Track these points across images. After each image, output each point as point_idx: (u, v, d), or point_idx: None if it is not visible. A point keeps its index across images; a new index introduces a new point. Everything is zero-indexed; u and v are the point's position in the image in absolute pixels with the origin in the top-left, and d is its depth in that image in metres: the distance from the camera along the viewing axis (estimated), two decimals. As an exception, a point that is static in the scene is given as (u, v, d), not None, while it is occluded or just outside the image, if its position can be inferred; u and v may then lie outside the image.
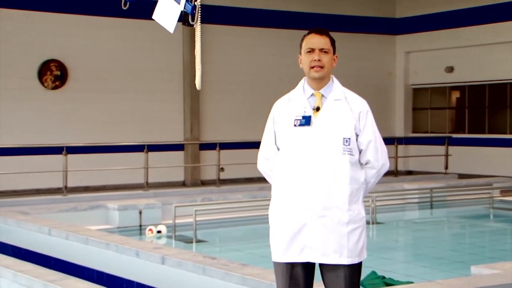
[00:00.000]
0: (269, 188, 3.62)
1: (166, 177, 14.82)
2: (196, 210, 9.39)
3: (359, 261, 3.45)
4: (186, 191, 12.53)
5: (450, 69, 17.70)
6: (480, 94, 17.28)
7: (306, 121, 3.43)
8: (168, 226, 9.51)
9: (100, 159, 14.03)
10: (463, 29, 16.96)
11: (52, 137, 13.62)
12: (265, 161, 3.61)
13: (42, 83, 13.85)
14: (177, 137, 15.27)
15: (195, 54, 3.91)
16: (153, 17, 4.07)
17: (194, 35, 3.91)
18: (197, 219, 9.37)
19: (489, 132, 17.00)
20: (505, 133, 16.72)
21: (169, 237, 9.34)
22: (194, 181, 15.25)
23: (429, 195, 12.23)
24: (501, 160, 16.34)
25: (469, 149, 17.09)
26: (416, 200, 12.39)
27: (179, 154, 15.38)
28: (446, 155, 15.78)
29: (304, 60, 3.48)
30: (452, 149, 16.09)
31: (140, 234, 9.58)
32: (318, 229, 3.38)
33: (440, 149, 16.22)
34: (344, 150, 3.40)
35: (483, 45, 16.75)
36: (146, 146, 13.03)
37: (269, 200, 3.58)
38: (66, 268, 7.17)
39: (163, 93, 15.17)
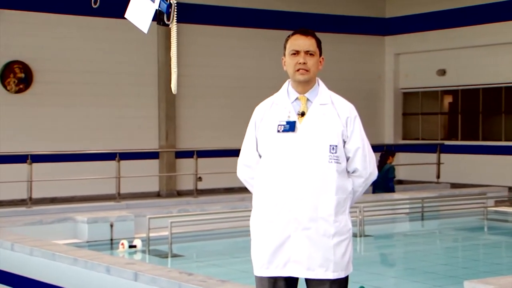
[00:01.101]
0: (250, 198, 3.63)
1: (140, 188, 14.77)
2: (171, 222, 9.36)
3: (346, 275, 3.47)
4: (161, 202, 12.49)
5: (442, 72, 17.85)
6: (473, 98, 17.44)
7: (290, 126, 3.45)
8: (141, 240, 9.46)
9: (68, 168, 13.94)
10: (456, 29, 17.12)
11: (16, 145, 13.52)
12: (246, 168, 3.62)
13: (5, 87, 13.75)
14: (151, 145, 15.23)
15: (171, 56, 3.92)
16: (125, 16, 4.07)
17: (170, 36, 3.91)
18: (173, 232, 9.34)
19: (483, 139, 17.15)
20: (500, 140, 16.88)
21: (142, 251, 9.29)
22: (169, 191, 15.20)
23: (420, 205, 12.30)
24: (495, 169, 16.49)
25: (462, 157, 17.24)
26: (407, 211, 12.45)
27: (154, 163, 15.33)
28: (438, 163, 15.90)
29: (289, 63, 3.50)
30: (445, 157, 16.21)
31: (111, 248, 9.53)
32: (303, 242, 3.39)
33: (432, 157, 16.34)
34: (330, 158, 3.42)
35: (477, 46, 16.91)
36: (118, 154, 12.98)
37: (250, 211, 3.58)
38: (30, 286, 7.11)
39: (136, 97, 15.13)
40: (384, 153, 13.86)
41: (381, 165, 13.35)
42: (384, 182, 13.14)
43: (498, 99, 16.96)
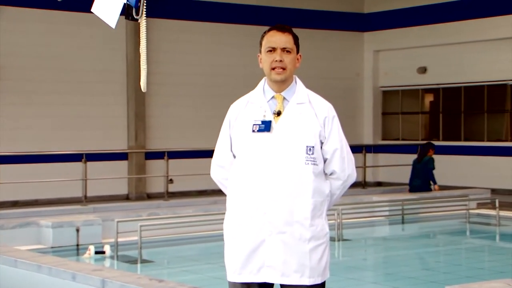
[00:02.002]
0: (224, 201, 3.63)
1: (107, 190, 14.68)
2: (141, 226, 9.33)
3: (322, 281, 3.48)
4: (130, 206, 12.43)
5: (423, 70, 17.99)
6: (455, 97, 17.60)
7: (266, 126, 3.45)
8: (110, 245, 9.42)
9: (31, 170, 13.83)
10: (437, 25, 17.26)
11: (-24, 145, 13.39)
12: (220, 169, 3.62)
13: (-35, 84, 13.59)
14: (120, 145, 15.16)
15: (140, 52, 3.90)
16: (92, 10, 4.04)
17: (139, 31, 3.90)
18: (143, 236, 9.31)
19: (465, 140, 17.31)
20: (482, 140, 17.06)
21: (110, 257, 9.25)
22: (139, 194, 15.14)
23: (400, 208, 12.39)
24: (478, 170, 16.67)
25: (443, 158, 17.36)
26: (386, 214, 12.53)
27: (122, 164, 15.26)
28: (419, 165, 15.99)
29: (265, 60, 3.51)
30: (426, 158, 16.31)
31: (78, 254, 9.47)
32: (278, 247, 3.40)
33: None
34: (307, 160, 3.43)
35: (459, 43, 17.07)
36: (84, 155, 12.89)
37: (224, 214, 3.58)
38: (-8, 294, 7.03)
39: (104, 95, 15.05)
40: (426, 145, 14.90)
41: (421, 156, 14.46)
42: (423, 173, 14.20)
43: (480, 98, 17.13)
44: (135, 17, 3.86)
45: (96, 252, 9.26)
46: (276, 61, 3.46)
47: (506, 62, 16.33)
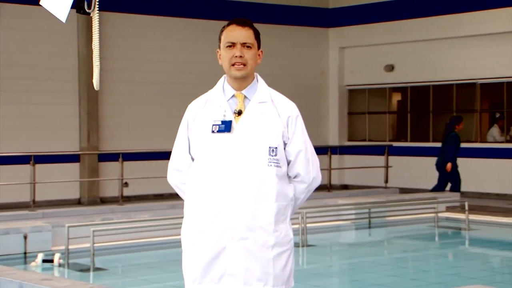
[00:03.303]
0: (182, 206, 3.62)
1: (58, 195, 14.56)
2: (94, 231, 9.25)
3: (287, 290, 3.48)
4: (82, 211, 12.33)
5: (390, 68, 18.16)
6: (423, 96, 17.80)
7: (226, 127, 3.45)
8: (61, 253, 9.32)
9: (-24, 173, 13.64)
10: (405, 22, 17.44)
11: None
12: (177, 173, 3.60)
13: None
14: (71, 146, 15.03)
15: (93, 48, 3.87)
16: (41, 3, 4.00)
17: (91, 25, 3.86)
18: (96, 242, 9.23)
19: (434, 140, 17.51)
20: (451, 141, 17.24)
21: (61, 265, 9.15)
22: (92, 198, 15.04)
23: (367, 212, 12.48)
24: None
25: (411, 160, 17.57)
26: (353, 218, 12.61)
27: (74, 167, 15.14)
28: (386, 167, 16.16)
29: (224, 56, 3.50)
30: (393, 160, 16.49)
31: (25, 263, 9.36)
32: (240, 254, 3.40)
33: (380, 159, 16.60)
34: (270, 161, 3.43)
35: (427, 40, 17.27)
36: (32, 157, 12.75)
37: (182, 219, 3.57)
38: None
39: (54, 94, 14.90)
40: (451, 119, 15.03)
41: (446, 133, 14.73)
42: (446, 150, 14.51)
43: (449, 97, 17.34)
44: (87, 10, 3.83)
45: (44, 261, 9.14)
46: (236, 56, 3.45)
47: (475, 60, 16.57)
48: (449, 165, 14.43)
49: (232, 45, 3.47)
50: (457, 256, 10.56)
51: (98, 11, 3.84)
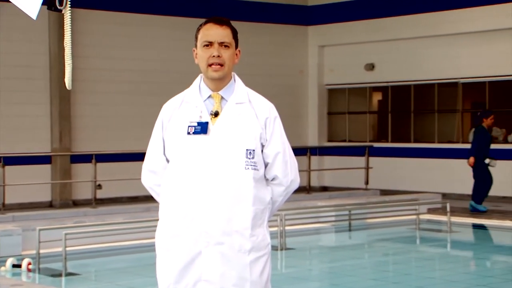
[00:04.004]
0: (157, 209, 3.61)
1: (28, 197, 14.46)
2: (66, 234, 9.20)
3: (264, 295, 3.49)
4: (54, 214, 12.27)
5: (370, 67, 18.23)
6: (404, 96, 17.88)
7: (202, 128, 3.44)
8: (31, 257, 9.26)
9: None
10: (385, 20, 17.51)
11: None
12: (151, 174, 3.59)
13: None
14: (42, 147, 14.93)
15: (64, 46, 3.84)
16: (11, -1, 3.97)
17: (63, 23, 3.84)
18: (68, 246, 9.19)
19: (415, 141, 17.61)
20: (433, 141, 17.37)
21: (32, 270, 9.09)
22: (64, 201, 14.96)
23: (347, 214, 12.52)
24: (428, 174, 16.97)
25: (392, 161, 17.65)
26: (332, 220, 12.65)
27: (45, 168, 15.04)
28: (367, 168, 16.22)
29: (201, 56, 3.49)
30: (374, 161, 16.56)
31: (-5, 268, 9.28)
32: (215, 259, 3.39)
33: (360, 160, 16.66)
34: (247, 164, 3.43)
35: (408, 39, 17.35)
36: (2, 159, 12.67)
37: (157, 221, 3.56)
38: None
39: (25, 93, 14.80)
40: (480, 113, 14.58)
41: (474, 127, 14.50)
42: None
43: (431, 96, 17.44)
44: (59, 7, 3.80)
45: (14, 266, 9.08)
46: (213, 56, 3.45)
47: (457, 59, 16.68)
48: (471, 160, 13.93)
49: (209, 44, 3.46)
50: (438, 259, 10.62)
51: (70, 8, 3.81)
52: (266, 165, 3.52)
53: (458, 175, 16.53)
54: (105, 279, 9.12)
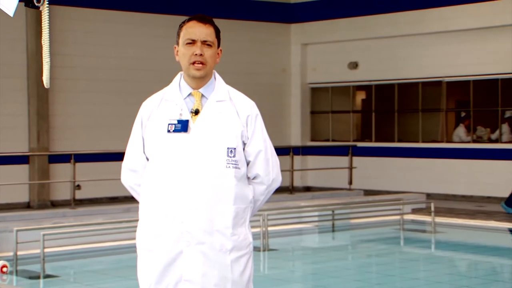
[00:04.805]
0: (137, 209, 3.61)
1: (6, 198, 14.38)
2: (44, 235, 9.16)
3: (245, 296, 3.50)
4: (32, 215, 12.20)
5: (354, 65, 18.28)
6: (388, 95, 17.95)
7: (183, 126, 3.44)
8: (8, 259, 9.21)
9: None
10: (369, 18, 17.57)
11: None
12: (131, 173, 3.59)
13: None
14: (20, 147, 14.86)
15: (42, 43, 3.83)
16: (-13, -5, 3.95)
17: (41, 20, 3.83)
18: (46, 247, 9.15)
19: (399, 141, 17.68)
20: (417, 141, 17.45)
21: (9, 272, 9.05)
22: (42, 202, 14.89)
23: (330, 214, 12.55)
24: (413, 174, 17.05)
25: (376, 161, 17.71)
26: (316, 221, 12.68)
27: (23, 169, 14.97)
28: (350, 168, 16.26)
29: (183, 53, 3.50)
30: (357, 161, 16.61)
31: (-29, 270, 9.23)
32: (196, 259, 3.40)
33: (343, 160, 16.70)
34: (228, 163, 3.44)
35: (392, 37, 17.42)
36: (-21, 159, 12.59)
37: (137, 222, 3.56)
38: None
39: (1, 92, 14.72)
40: None
41: None
42: None
43: (415, 95, 17.51)
44: (36, 4, 3.79)
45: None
46: (196, 54, 3.45)
47: (441, 58, 16.76)
48: None
49: (192, 42, 3.47)
50: (422, 259, 10.67)
51: (48, 5, 3.80)
52: (247, 163, 3.53)
53: (442, 175, 16.63)
54: (84, 281, 9.09)
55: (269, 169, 3.56)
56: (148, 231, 3.48)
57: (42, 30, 3.83)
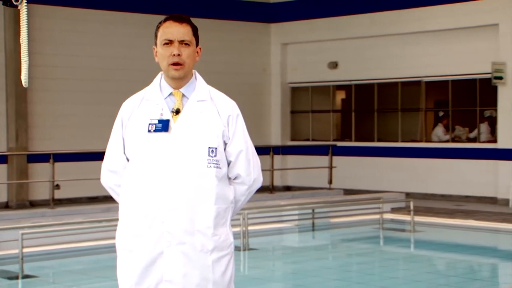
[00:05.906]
0: (117, 209, 3.59)
1: (-16, 198, 14.29)
2: (23, 234, 9.11)
3: (227, 296, 3.49)
4: (10, 215, 12.14)
5: (334, 65, 18.32)
6: (368, 94, 18.01)
7: (164, 126, 3.43)
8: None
9: None
10: (349, 17, 17.62)
11: None
12: (111, 174, 3.57)
13: None
14: (-2, 147, 14.77)
15: (21, 42, 3.81)
16: (-35, -7, 3.92)
17: (19, 18, 3.80)
18: (25, 247, 9.09)
19: (379, 140, 17.74)
20: (396, 140, 17.52)
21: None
22: (20, 202, 14.81)
23: (310, 213, 12.57)
24: (392, 173, 17.11)
25: (356, 160, 17.76)
26: (296, 219, 12.70)
27: (1, 168, 14.89)
28: (330, 167, 16.30)
29: (161, 54, 3.48)
30: (337, 160, 16.65)
31: (-51, 271, 9.17)
32: (177, 259, 3.39)
33: (323, 160, 16.74)
34: (209, 162, 3.44)
35: (372, 37, 17.48)
36: (-43, 158, 12.51)
37: (117, 222, 3.54)
38: None
39: (-20, 90, 14.63)
40: None
41: None
42: None
43: (394, 95, 17.59)
44: (14, 3, 3.77)
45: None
46: (174, 55, 3.44)
47: (420, 58, 16.84)
48: None
49: (169, 42, 3.46)
50: (402, 258, 10.71)
51: (26, 4, 3.78)
52: (228, 163, 3.52)
53: (422, 175, 16.71)
54: (63, 281, 9.05)
55: (250, 169, 3.55)
56: (128, 231, 3.47)
57: (21, 29, 3.81)
